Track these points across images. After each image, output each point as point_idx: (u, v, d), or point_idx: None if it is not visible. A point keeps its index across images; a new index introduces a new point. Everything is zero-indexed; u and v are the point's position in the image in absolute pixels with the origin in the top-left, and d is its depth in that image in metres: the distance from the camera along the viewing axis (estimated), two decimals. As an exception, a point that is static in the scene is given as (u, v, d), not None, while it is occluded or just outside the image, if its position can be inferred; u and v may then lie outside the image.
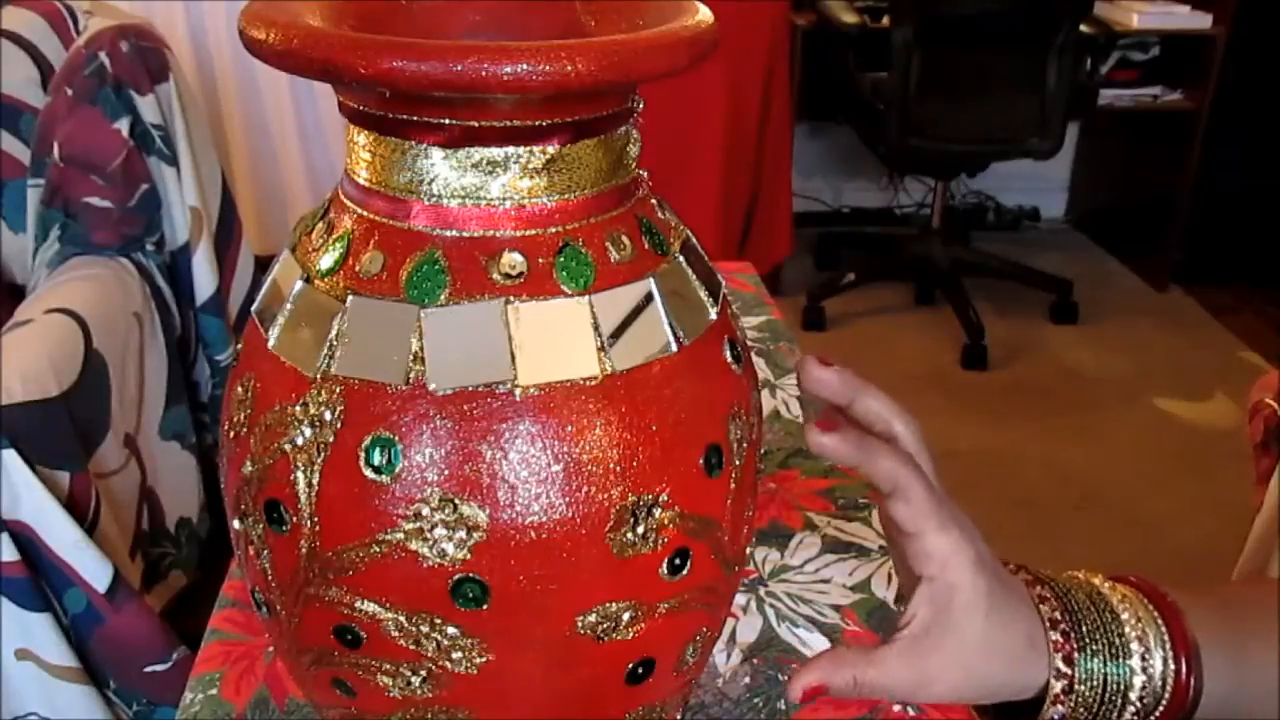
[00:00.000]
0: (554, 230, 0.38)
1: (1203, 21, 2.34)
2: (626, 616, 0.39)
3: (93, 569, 1.03)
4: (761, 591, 0.65)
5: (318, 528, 0.37)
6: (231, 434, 0.40)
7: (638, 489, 0.37)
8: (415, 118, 0.36)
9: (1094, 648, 0.40)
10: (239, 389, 0.40)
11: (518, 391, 0.36)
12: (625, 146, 0.40)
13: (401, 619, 0.38)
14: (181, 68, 1.42)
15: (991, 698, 0.41)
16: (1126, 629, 0.41)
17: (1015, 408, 2.11)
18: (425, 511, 0.36)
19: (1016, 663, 0.40)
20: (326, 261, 0.39)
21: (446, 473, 0.36)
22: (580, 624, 0.39)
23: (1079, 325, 2.43)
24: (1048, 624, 0.41)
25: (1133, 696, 0.41)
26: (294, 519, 0.37)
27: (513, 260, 0.37)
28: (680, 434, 0.39)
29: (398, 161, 0.37)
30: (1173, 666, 0.40)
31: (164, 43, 1.37)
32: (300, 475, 0.37)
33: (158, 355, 1.33)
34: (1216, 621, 0.42)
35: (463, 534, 0.36)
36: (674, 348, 0.39)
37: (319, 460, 0.36)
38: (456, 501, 0.36)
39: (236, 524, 0.41)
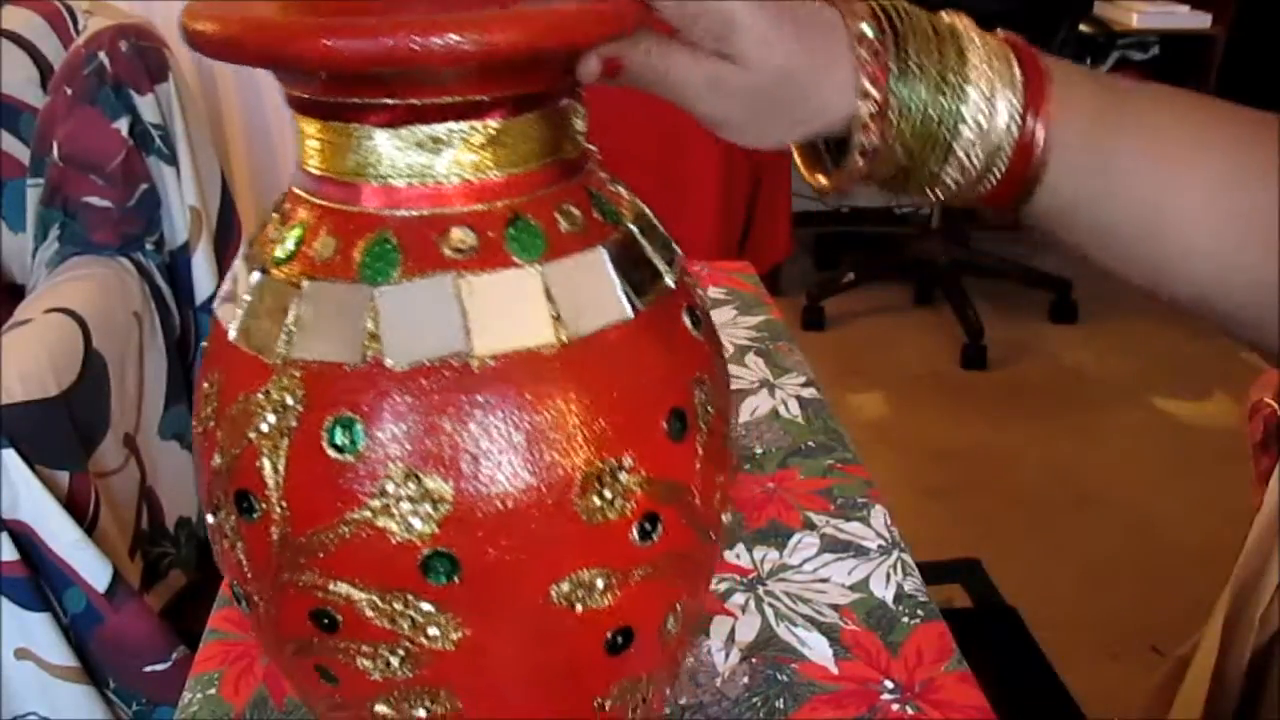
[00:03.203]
0: (502, 204, 0.38)
1: (1202, 21, 2.34)
2: (600, 584, 0.39)
3: (92, 568, 1.03)
4: (760, 591, 0.65)
5: (287, 513, 0.37)
6: (201, 430, 0.40)
7: (601, 454, 0.38)
8: (357, 100, 0.37)
9: (916, 73, 0.37)
10: (205, 385, 0.40)
11: (474, 363, 0.36)
12: (570, 120, 0.41)
13: (374, 598, 0.38)
14: (181, 68, 1.41)
15: (795, 124, 0.38)
16: (970, 66, 0.37)
17: (1015, 408, 2.11)
18: (390, 488, 0.36)
19: (816, 76, 0.37)
20: (282, 251, 0.39)
21: (409, 448, 0.36)
22: (554, 593, 0.39)
23: (1079, 325, 2.43)
24: (855, 39, 0.37)
25: (961, 138, 0.37)
26: (263, 506, 0.38)
27: (462, 235, 0.37)
28: (642, 399, 0.39)
29: (344, 146, 0.38)
30: (1018, 122, 0.37)
31: (164, 43, 1.37)
32: (266, 462, 0.37)
33: (157, 355, 1.33)
34: (1092, 103, 0.38)
35: (429, 508, 0.36)
36: (629, 314, 0.39)
37: (284, 445, 0.37)
38: (420, 475, 0.36)
39: (211, 518, 0.41)
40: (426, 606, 0.37)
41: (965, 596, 1.57)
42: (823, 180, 0.42)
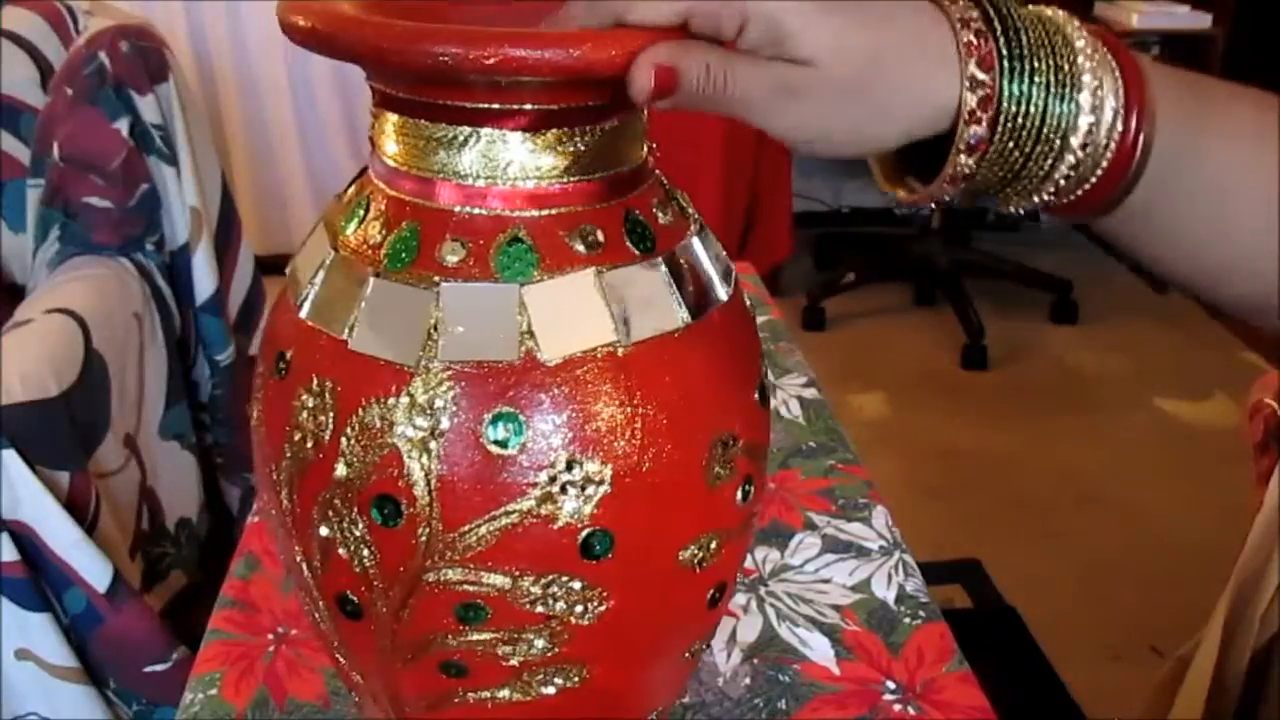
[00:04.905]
0: (615, 202, 0.40)
1: (1202, 21, 2.34)
2: (714, 545, 0.42)
3: (93, 569, 1.03)
4: (762, 591, 0.65)
5: (437, 512, 0.38)
6: (308, 443, 0.39)
7: (721, 426, 0.41)
8: (497, 105, 0.37)
9: (1035, 73, 0.33)
10: (306, 398, 0.39)
11: (620, 350, 0.38)
12: (643, 124, 0.43)
13: (526, 584, 0.39)
14: (181, 68, 1.41)
15: (891, 121, 0.34)
16: (1080, 59, 0.33)
17: (1015, 408, 2.11)
18: (553, 475, 0.37)
19: (905, 59, 0.33)
20: (400, 255, 0.39)
21: (569, 435, 0.38)
22: (680, 557, 0.41)
23: (1079, 325, 2.43)
24: (957, 24, 0.33)
25: (1074, 143, 0.34)
26: (410, 509, 0.38)
27: (594, 233, 0.39)
28: (745, 371, 0.43)
29: (469, 149, 0.39)
30: (1121, 120, 0.34)
31: (164, 43, 1.37)
32: (415, 465, 0.38)
33: (158, 355, 1.33)
34: (1177, 95, 0.36)
35: (590, 490, 0.38)
36: (725, 296, 0.43)
37: (436, 446, 0.37)
38: (582, 460, 0.38)
39: (324, 531, 0.40)
40: (577, 584, 0.39)
41: (965, 597, 1.57)
42: (905, 193, 0.38)
